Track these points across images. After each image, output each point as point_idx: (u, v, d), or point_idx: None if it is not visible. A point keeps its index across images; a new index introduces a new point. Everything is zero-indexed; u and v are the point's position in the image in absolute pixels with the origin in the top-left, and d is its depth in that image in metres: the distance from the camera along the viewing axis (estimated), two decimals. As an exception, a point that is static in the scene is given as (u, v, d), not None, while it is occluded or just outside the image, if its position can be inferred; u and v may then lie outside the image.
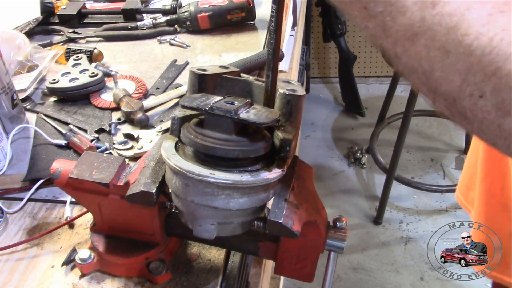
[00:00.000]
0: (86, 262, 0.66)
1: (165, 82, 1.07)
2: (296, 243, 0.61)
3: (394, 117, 2.47)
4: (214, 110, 0.53)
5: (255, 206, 0.56)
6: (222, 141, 0.53)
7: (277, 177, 0.55)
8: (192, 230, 0.57)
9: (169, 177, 0.56)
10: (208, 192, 0.53)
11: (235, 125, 0.54)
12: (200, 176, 0.52)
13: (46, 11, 1.31)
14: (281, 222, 0.55)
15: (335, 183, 2.55)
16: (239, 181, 0.52)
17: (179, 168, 0.53)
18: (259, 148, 0.55)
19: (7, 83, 0.91)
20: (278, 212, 0.55)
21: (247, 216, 0.58)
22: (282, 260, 0.63)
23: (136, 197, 0.58)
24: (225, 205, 0.54)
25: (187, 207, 0.56)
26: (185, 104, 0.55)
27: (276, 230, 0.55)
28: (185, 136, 0.55)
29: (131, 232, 0.66)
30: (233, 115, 0.53)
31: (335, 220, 0.62)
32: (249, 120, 0.53)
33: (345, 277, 2.11)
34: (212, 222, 0.56)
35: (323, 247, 0.61)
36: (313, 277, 0.64)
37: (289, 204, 0.56)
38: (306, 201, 0.59)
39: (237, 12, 1.21)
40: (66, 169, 0.63)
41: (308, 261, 0.62)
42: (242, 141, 0.54)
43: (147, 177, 0.59)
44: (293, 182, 0.59)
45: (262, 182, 0.54)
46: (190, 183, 0.53)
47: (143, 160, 0.62)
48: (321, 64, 3.22)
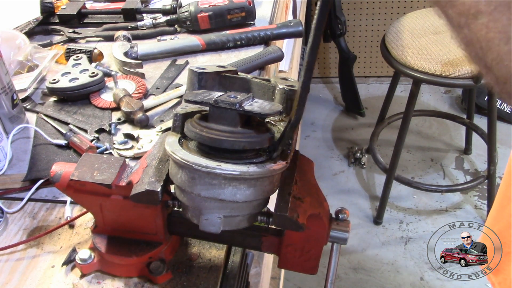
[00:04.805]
0: (87, 262, 0.66)
1: (165, 82, 1.07)
2: (300, 236, 0.61)
3: (394, 117, 2.47)
4: (219, 103, 0.54)
5: (261, 198, 0.57)
6: (228, 133, 0.54)
7: (282, 168, 0.56)
8: (196, 226, 0.57)
9: (174, 172, 0.57)
10: (215, 184, 0.53)
11: (240, 118, 0.55)
12: (207, 168, 0.52)
13: (46, 11, 1.31)
14: (287, 215, 0.55)
15: (335, 183, 2.55)
16: (246, 172, 0.53)
17: (186, 161, 0.53)
18: (264, 140, 0.56)
19: (7, 83, 0.91)
20: (284, 206, 0.56)
21: (253, 209, 0.58)
22: (286, 254, 0.64)
23: (141, 196, 0.58)
24: (232, 197, 0.54)
25: (193, 201, 0.56)
26: (189, 98, 0.55)
27: (282, 224, 0.56)
28: (189, 130, 0.56)
29: (133, 232, 0.67)
30: (238, 107, 0.53)
31: (337, 212, 0.62)
32: (254, 111, 0.54)
33: (345, 277, 2.11)
34: (219, 216, 0.56)
35: (327, 239, 0.62)
36: (317, 269, 0.64)
37: (293, 197, 0.57)
38: (309, 194, 0.59)
39: (237, 12, 1.21)
40: (67, 171, 0.63)
41: (312, 254, 0.63)
42: (247, 133, 0.55)
43: (151, 176, 0.59)
44: (296, 176, 0.60)
45: (268, 173, 0.54)
46: (197, 176, 0.54)
47: (145, 160, 0.63)
48: (321, 64, 3.22)
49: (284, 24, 1.18)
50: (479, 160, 2.59)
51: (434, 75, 1.84)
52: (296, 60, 1.93)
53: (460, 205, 2.38)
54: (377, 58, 3.12)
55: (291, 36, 1.19)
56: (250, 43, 1.16)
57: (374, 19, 3.00)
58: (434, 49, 1.90)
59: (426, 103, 2.96)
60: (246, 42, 1.15)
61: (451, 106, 2.95)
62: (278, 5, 1.38)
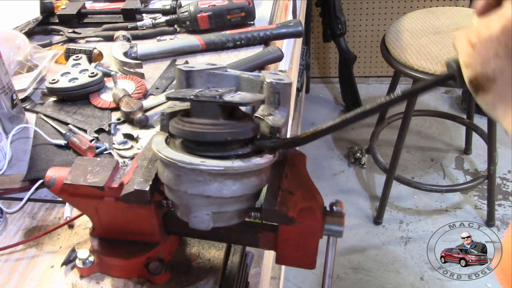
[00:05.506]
0: (86, 265, 0.66)
1: (165, 82, 1.07)
2: (294, 230, 0.61)
3: (394, 117, 2.47)
4: (199, 97, 0.54)
5: (249, 193, 0.57)
6: (210, 126, 0.54)
7: (268, 162, 0.56)
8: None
9: (160, 170, 0.57)
10: (201, 180, 0.53)
11: (221, 109, 0.54)
12: (191, 165, 0.52)
13: (46, 11, 1.31)
14: (275, 209, 0.55)
15: (335, 183, 2.55)
16: (230, 167, 0.52)
17: (170, 159, 0.53)
18: (247, 130, 0.55)
19: (6, 83, 0.91)
20: (272, 200, 0.55)
21: (242, 204, 0.58)
22: (283, 249, 0.63)
23: (130, 196, 0.58)
24: (218, 193, 0.54)
25: (181, 199, 0.56)
26: (170, 95, 0.56)
27: (272, 218, 0.56)
28: (172, 126, 0.56)
29: (130, 234, 0.66)
30: (218, 98, 0.53)
31: (331, 204, 0.61)
32: (233, 101, 0.54)
33: (345, 277, 2.11)
34: (207, 212, 0.56)
35: (322, 232, 0.61)
36: (314, 264, 0.63)
37: (283, 191, 0.57)
38: (300, 188, 0.59)
39: (237, 12, 1.21)
40: (61, 176, 0.63)
41: (308, 248, 0.62)
42: (230, 124, 0.54)
43: (140, 176, 0.59)
44: (286, 170, 0.59)
45: (253, 167, 0.54)
46: (182, 173, 0.53)
47: (136, 161, 0.63)
48: (321, 64, 3.22)
49: (284, 24, 1.18)
50: (479, 160, 2.59)
51: (434, 75, 1.84)
52: (296, 60, 1.92)
53: (460, 205, 2.38)
54: (377, 58, 3.12)
55: (291, 36, 1.19)
56: (250, 43, 1.16)
57: (374, 19, 3.00)
58: (434, 49, 1.90)
59: (426, 103, 2.96)
60: (246, 42, 1.15)
61: (451, 106, 2.95)
62: (278, 5, 1.38)
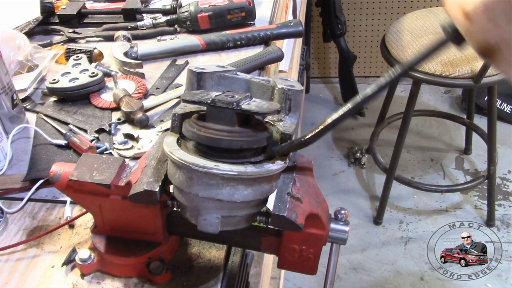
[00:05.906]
0: (86, 262, 0.66)
1: (165, 82, 1.07)
2: (299, 237, 0.61)
3: (394, 117, 2.47)
4: (216, 102, 0.54)
5: (259, 199, 0.57)
6: (225, 133, 0.54)
7: (280, 168, 0.56)
8: (195, 227, 0.57)
9: (172, 172, 0.56)
10: (213, 184, 0.53)
11: (237, 117, 0.55)
12: (205, 168, 0.52)
13: (46, 11, 1.31)
14: (285, 216, 0.55)
15: (335, 183, 2.55)
16: (243, 172, 0.53)
17: (184, 161, 0.53)
18: (262, 139, 0.56)
19: (7, 83, 0.91)
20: (282, 206, 0.56)
21: (251, 209, 0.58)
22: (285, 254, 0.64)
23: (139, 197, 0.58)
24: (229, 198, 0.54)
25: (191, 201, 0.56)
26: (186, 98, 0.55)
27: (280, 224, 0.56)
28: (187, 130, 0.56)
29: (132, 232, 0.66)
30: (235, 106, 0.53)
31: (336, 212, 0.62)
32: (251, 110, 0.54)
33: (345, 277, 2.11)
34: (217, 216, 0.56)
35: (326, 239, 0.61)
36: (316, 269, 0.64)
37: (292, 197, 0.57)
38: (307, 194, 0.59)
39: (237, 12, 1.21)
40: (66, 171, 0.63)
41: (311, 254, 0.62)
42: (245, 132, 0.54)
43: (149, 176, 0.59)
44: (294, 176, 0.60)
45: (266, 173, 0.54)
46: (195, 176, 0.53)
47: (144, 160, 0.62)
48: (321, 64, 3.22)
49: (284, 24, 1.18)
50: (479, 160, 2.59)
51: (434, 75, 1.84)
52: (296, 60, 1.92)
53: (460, 205, 2.38)
54: (377, 58, 3.12)
55: (291, 36, 1.19)
56: (250, 43, 1.16)
57: (374, 19, 3.00)
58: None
59: (426, 103, 2.96)
60: (246, 42, 1.15)
61: (451, 106, 2.95)
62: (278, 5, 1.38)
